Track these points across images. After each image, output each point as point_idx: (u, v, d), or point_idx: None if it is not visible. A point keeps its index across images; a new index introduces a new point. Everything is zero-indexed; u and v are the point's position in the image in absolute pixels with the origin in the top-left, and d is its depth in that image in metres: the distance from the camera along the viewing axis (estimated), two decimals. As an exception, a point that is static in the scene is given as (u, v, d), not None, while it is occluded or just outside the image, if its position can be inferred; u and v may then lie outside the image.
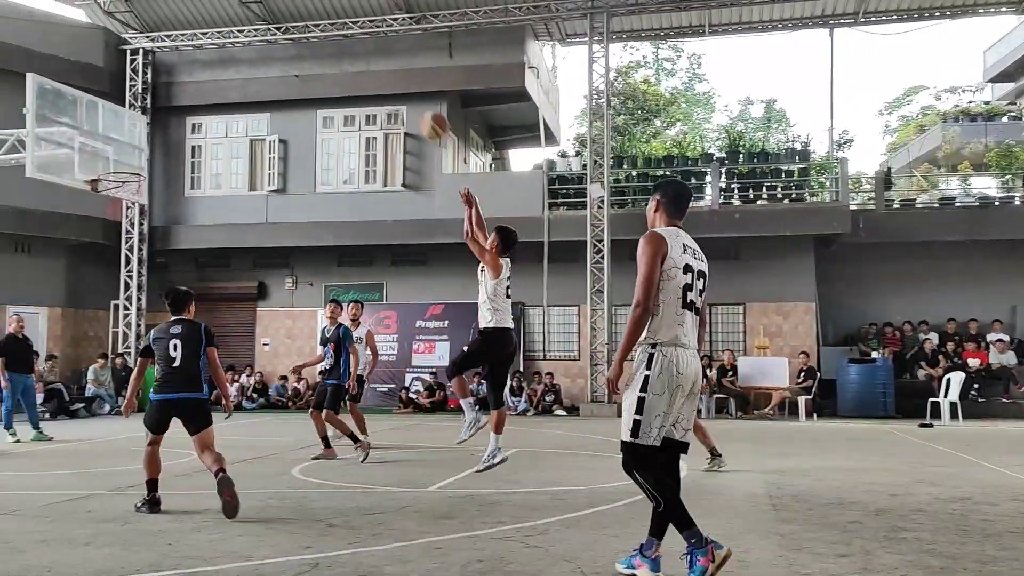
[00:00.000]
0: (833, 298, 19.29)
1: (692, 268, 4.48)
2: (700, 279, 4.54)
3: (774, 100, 40.14)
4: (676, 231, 4.59)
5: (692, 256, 4.52)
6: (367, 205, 19.68)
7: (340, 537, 5.60)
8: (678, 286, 4.40)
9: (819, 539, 5.56)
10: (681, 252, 4.46)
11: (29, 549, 5.27)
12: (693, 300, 4.46)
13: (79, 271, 20.25)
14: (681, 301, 4.41)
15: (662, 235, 4.48)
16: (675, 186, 4.88)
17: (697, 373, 4.48)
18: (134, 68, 20.40)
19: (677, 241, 4.49)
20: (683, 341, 4.41)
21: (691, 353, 4.44)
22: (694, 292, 4.48)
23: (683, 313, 4.41)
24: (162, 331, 6.85)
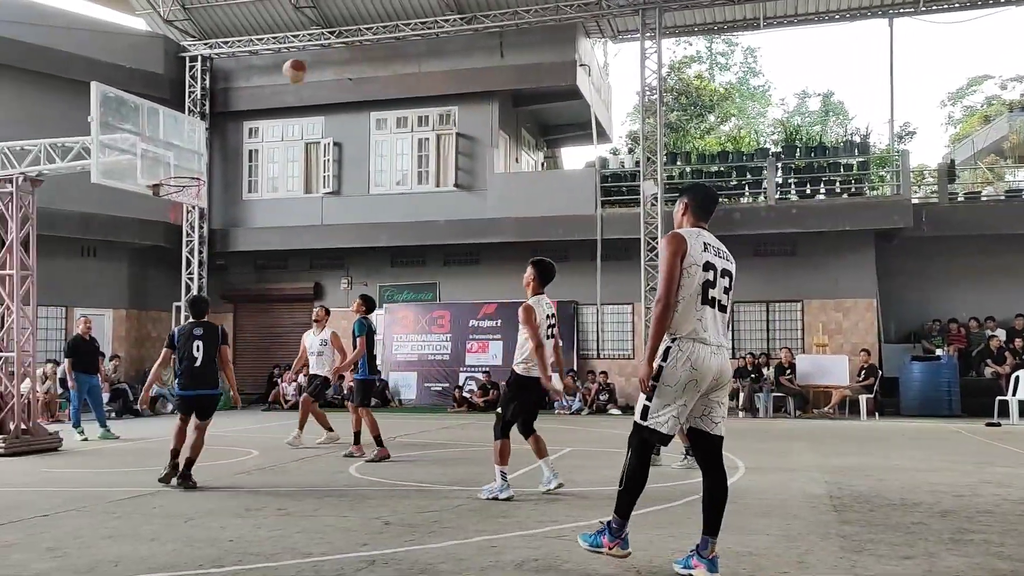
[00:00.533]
0: (895, 294, 18.85)
1: (714, 266, 4.58)
2: (724, 277, 4.64)
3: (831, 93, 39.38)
4: (698, 231, 4.69)
5: (714, 255, 4.62)
6: (420, 206, 19.82)
7: (396, 535, 5.65)
8: (698, 283, 4.51)
9: (881, 540, 5.44)
10: (702, 250, 4.57)
11: (97, 544, 5.43)
12: (715, 296, 4.57)
13: (142, 274, 20.77)
14: (701, 297, 4.51)
15: (682, 235, 4.61)
16: (703, 189, 5.00)
17: (720, 369, 4.54)
18: (193, 75, 20.86)
19: (698, 240, 4.60)
20: (703, 336, 4.50)
21: (712, 349, 4.52)
22: (716, 289, 4.58)
23: (703, 309, 4.51)
24: (186, 332, 8.07)
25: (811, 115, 38.01)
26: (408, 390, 19.99)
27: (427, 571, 4.71)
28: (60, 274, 17.51)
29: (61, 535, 5.70)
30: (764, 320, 18.85)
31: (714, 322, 4.56)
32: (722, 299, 4.62)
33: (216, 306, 21.23)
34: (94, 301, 19.40)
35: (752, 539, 5.48)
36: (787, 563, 4.87)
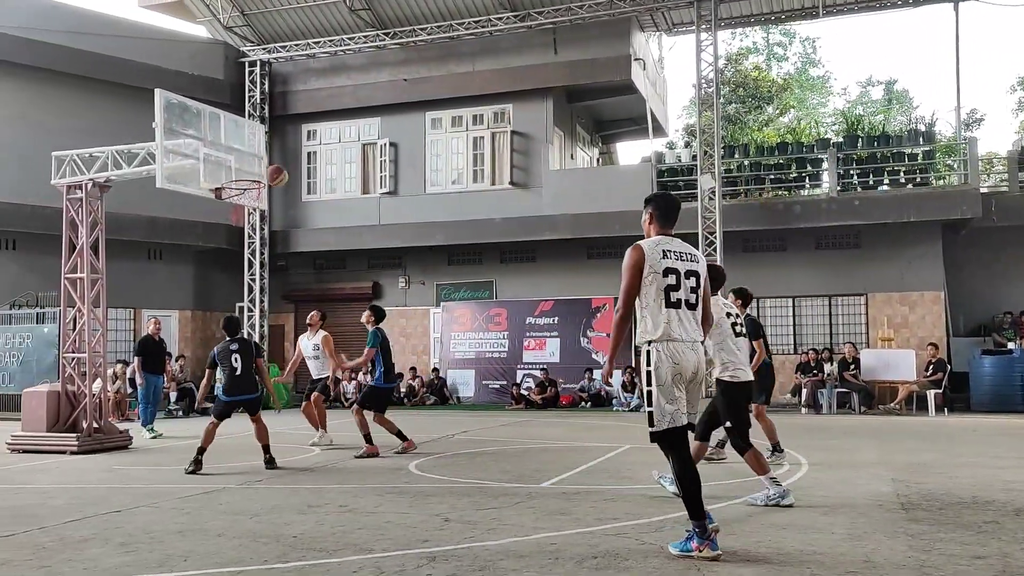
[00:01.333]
0: (964, 286, 18.31)
1: (677, 270, 4.93)
2: (690, 278, 4.97)
3: (894, 81, 38.33)
4: (658, 240, 5.02)
5: (676, 259, 4.96)
6: (475, 204, 19.90)
7: (456, 531, 5.68)
8: (660, 288, 4.88)
9: (952, 540, 5.28)
10: (661, 258, 4.91)
11: (167, 539, 5.58)
12: (681, 298, 4.92)
13: (206, 275, 21.27)
14: (665, 301, 4.88)
15: (641, 247, 4.97)
16: (665, 198, 5.27)
17: (697, 363, 4.95)
18: (252, 79, 21.27)
19: (657, 249, 4.95)
20: (676, 335, 4.88)
21: (687, 345, 4.90)
22: (682, 291, 4.92)
23: (668, 311, 4.87)
24: (223, 349, 9.17)
25: (874, 104, 37.09)
26: (466, 388, 20.11)
27: (487, 568, 4.72)
28: (128, 277, 18.02)
29: (133, 530, 5.87)
30: (827, 314, 18.49)
31: (684, 321, 4.92)
32: (690, 299, 4.95)
33: (278, 306, 21.67)
34: (160, 303, 19.94)
35: (817, 538, 5.38)
36: (853, 562, 4.76)
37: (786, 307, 18.62)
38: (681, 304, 4.93)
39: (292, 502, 6.92)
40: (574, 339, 19.44)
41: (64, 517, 6.36)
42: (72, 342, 11.49)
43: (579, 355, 19.35)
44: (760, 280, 18.53)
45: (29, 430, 11.18)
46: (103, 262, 11.61)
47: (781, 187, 18.88)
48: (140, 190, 14.06)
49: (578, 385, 18.79)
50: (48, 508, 6.79)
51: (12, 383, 16.00)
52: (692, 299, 4.98)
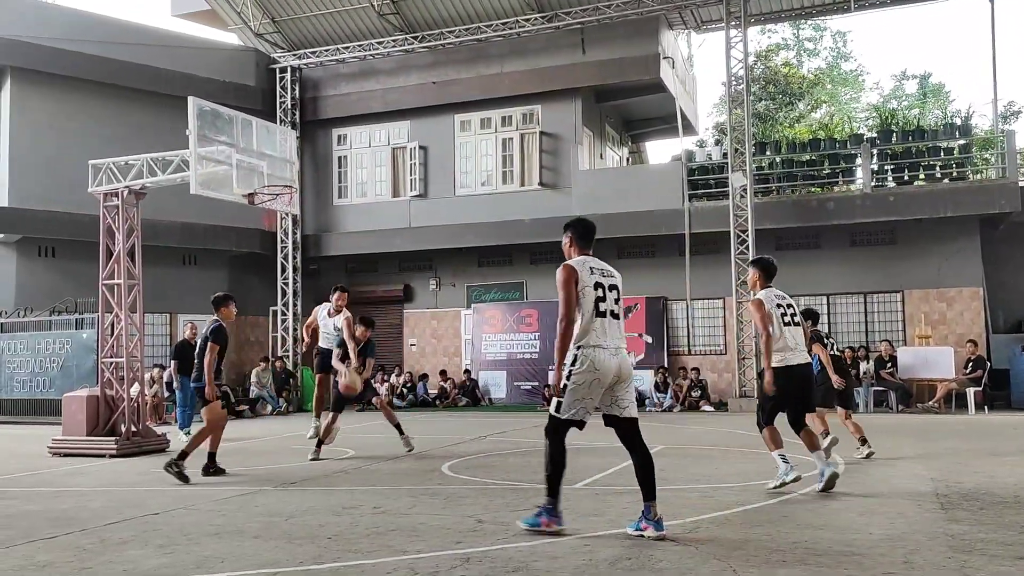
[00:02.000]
0: (1003, 282, 17.98)
1: (602, 284, 5.59)
2: (612, 291, 5.63)
3: (929, 74, 37.74)
4: (583, 259, 5.69)
5: (600, 275, 5.63)
6: (505, 205, 19.92)
7: (489, 533, 5.69)
8: (591, 301, 5.50)
9: (993, 540, 5.19)
10: (589, 274, 5.57)
11: (205, 541, 5.65)
12: (606, 308, 5.55)
13: (240, 280, 21.47)
14: (595, 311, 5.49)
15: (572, 265, 5.61)
16: (582, 223, 5.92)
17: (617, 367, 5.50)
18: (283, 85, 21.48)
19: (585, 266, 5.61)
20: (601, 343, 5.48)
21: (609, 352, 5.49)
22: (607, 302, 5.56)
23: (597, 320, 5.49)
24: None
25: (908, 98, 36.57)
26: (498, 389, 20.13)
27: (521, 569, 4.72)
28: (164, 282, 18.28)
29: (171, 532, 5.95)
30: (862, 312, 18.26)
31: (609, 329, 5.53)
32: (613, 308, 5.60)
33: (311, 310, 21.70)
34: (196, 307, 20.08)
35: (854, 538, 5.32)
36: (892, 563, 4.70)
37: (821, 305, 18.38)
38: (607, 314, 5.54)
39: (327, 504, 6.97)
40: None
41: (104, 519, 6.46)
42: (110, 347, 11.67)
43: (611, 355, 19.25)
44: (794, 278, 18.34)
45: (69, 434, 11.37)
46: (139, 268, 11.78)
47: (814, 184, 18.67)
48: (174, 197, 14.25)
49: (610, 385, 18.70)
50: (88, 511, 6.90)
51: (52, 388, 16.29)
52: (615, 309, 5.63)
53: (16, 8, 18.15)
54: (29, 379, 16.93)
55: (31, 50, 17.88)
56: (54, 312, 16.97)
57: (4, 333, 17.34)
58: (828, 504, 6.51)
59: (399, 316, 21.80)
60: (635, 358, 19.01)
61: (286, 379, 19.88)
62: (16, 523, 6.42)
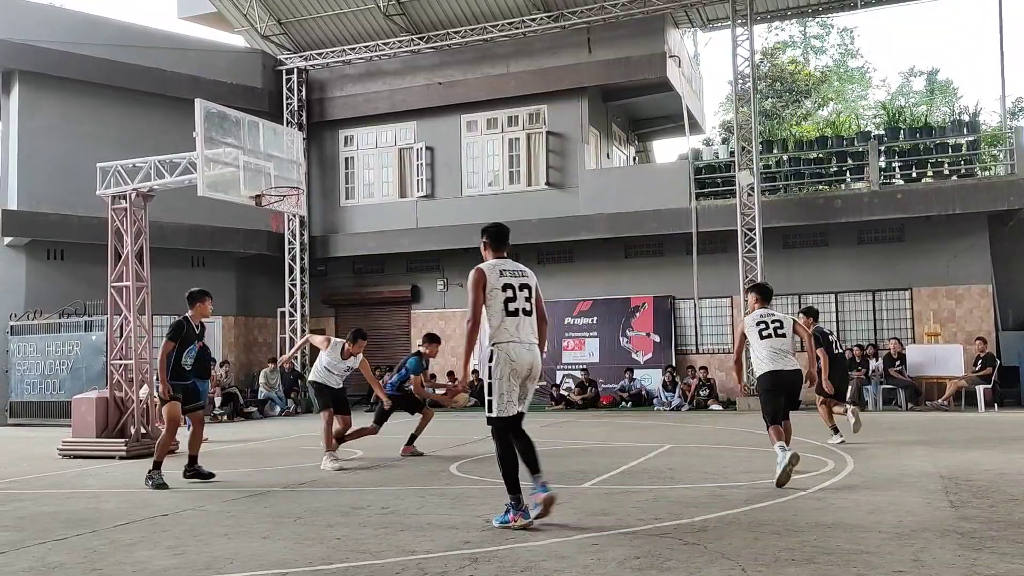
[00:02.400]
0: (1013, 279, 17.90)
1: (512, 285, 5.94)
2: (523, 290, 5.97)
3: (936, 71, 37.60)
4: (495, 262, 6.05)
5: (511, 276, 5.98)
6: (512, 205, 19.91)
7: (498, 532, 5.69)
8: (500, 301, 5.86)
9: (1004, 538, 5.17)
10: (499, 276, 5.93)
11: (214, 542, 5.66)
12: (518, 307, 5.91)
13: (248, 281, 21.55)
14: (505, 311, 5.86)
15: (482, 268, 5.97)
16: (495, 228, 6.26)
17: (532, 361, 5.88)
18: (289, 87, 21.52)
19: (495, 270, 5.97)
20: (515, 338, 5.83)
21: (524, 347, 5.85)
22: (518, 301, 5.91)
23: (508, 319, 5.86)
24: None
25: (915, 95, 36.46)
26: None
27: (529, 569, 4.72)
28: (172, 284, 18.25)
29: (180, 533, 5.97)
30: (870, 310, 18.20)
31: (521, 326, 5.89)
32: (525, 307, 5.95)
33: (318, 311, 21.87)
34: (205, 309, 20.20)
35: (863, 536, 5.30)
36: (901, 561, 4.68)
37: (829, 303, 18.35)
38: (519, 312, 5.91)
39: (335, 504, 6.99)
40: (613, 339, 19.37)
41: (114, 521, 6.49)
42: (119, 349, 11.72)
43: (618, 354, 19.28)
44: (801, 276, 18.37)
45: (79, 436, 11.43)
46: (148, 270, 11.83)
47: (821, 182, 18.63)
48: (182, 199, 14.31)
49: (618, 385, 18.71)
50: (99, 512, 6.93)
51: (62, 390, 16.38)
52: (527, 307, 5.97)
53: (24, 12, 18.24)
54: (39, 381, 17.01)
55: (39, 53, 17.96)
56: (63, 314, 17.05)
57: (14, 336, 17.43)
58: (837, 502, 6.49)
59: (406, 317, 21.82)
60: (643, 357, 19.06)
61: (294, 380, 19.92)
62: (28, 525, 6.45)
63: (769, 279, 17.36)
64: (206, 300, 8.90)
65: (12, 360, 17.38)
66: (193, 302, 8.85)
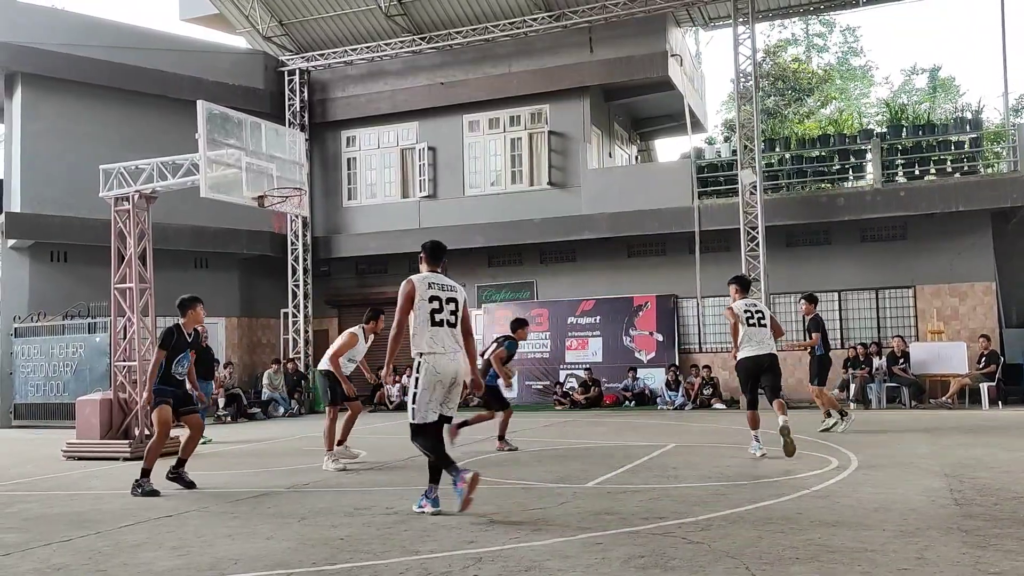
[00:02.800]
0: (1016, 276, 17.87)
1: (439, 297, 6.34)
2: (450, 303, 6.38)
3: (938, 68, 37.55)
4: (426, 275, 6.52)
5: (439, 290, 6.38)
6: (514, 205, 19.92)
7: (501, 532, 5.69)
8: (426, 312, 6.24)
9: (1009, 535, 5.16)
10: (427, 289, 6.33)
11: (218, 543, 5.67)
12: (443, 319, 6.30)
13: (251, 282, 21.56)
14: (430, 322, 6.24)
15: (412, 280, 6.39)
16: (432, 245, 6.79)
17: (455, 370, 6.27)
18: (291, 88, 21.53)
19: (424, 282, 6.38)
20: (438, 349, 6.23)
21: (448, 357, 6.26)
22: (444, 313, 6.31)
23: (433, 330, 6.25)
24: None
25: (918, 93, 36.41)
26: (508, 389, 20.07)
27: (533, 568, 4.72)
28: (175, 286, 18.12)
29: (184, 534, 5.97)
30: (873, 308, 18.18)
31: (445, 337, 6.29)
32: (450, 319, 6.35)
33: (322, 311, 21.89)
34: (207, 310, 20.00)
35: (868, 534, 5.29)
36: (905, 559, 4.68)
37: (832, 301, 18.35)
38: (443, 323, 6.30)
39: (339, 505, 6.99)
40: (616, 338, 19.36)
41: (118, 522, 6.50)
42: (123, 351, 11.74)
43: (622, 354, 19.26)
44: (804, 274, 18.34)
45: (83, 437, 11.45)
46: (151, 272, 11.84)
47: (824, 180, 18.60)
48: (185, 200, 14.34)
49: (621, 384, 18.70)
50: (103, 513, 6.94)
51: (66, 392, 16.41)
52: (452, 319, 6.37)
53: (26, 14, 18.26)
54: (43, 383, 17.05)
55: (42, 56, 17.99)
56: (67, 316, 17.08)
57: (18, 338, 17.47)
58: (841, 501, 6.49)
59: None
60: (647, 356, 19.05)
61: (298, 381, 19.94)
62: (32, 526, 6.47)
63: (772, 277, 17.41)
64: (197, 306, 8.64)
65: (16, 362, 17.41)
66: (184, 310, 8.57)
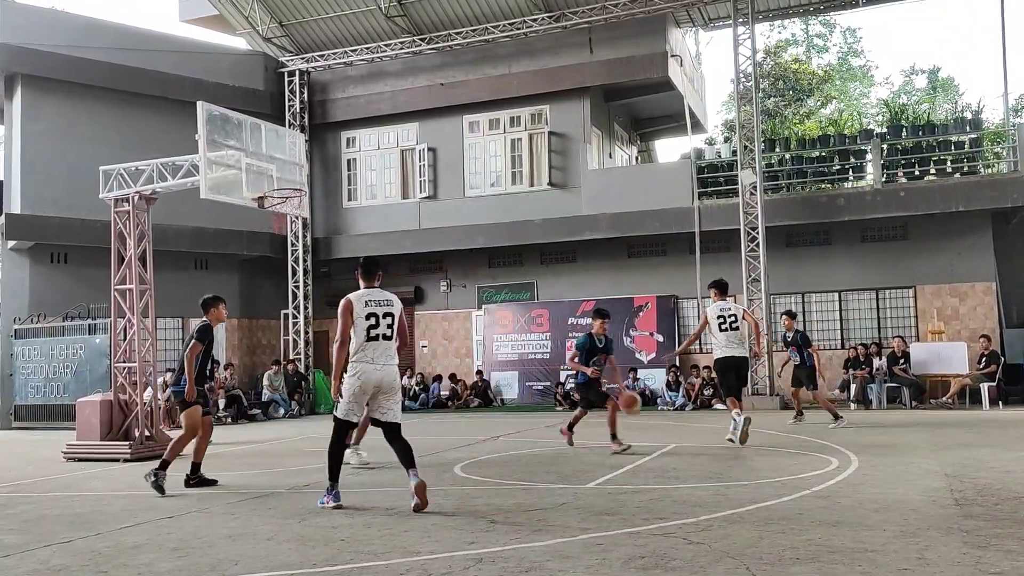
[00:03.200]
0: (1016, 276, 17.87)
1: (376, 313, 6.84)
2: (386, 317, 6.87)
3: (938, 68, 37.56)
4: (363, 292, 6.97)
5: (375, 306, 6.88)
6: (515, 206, 19.92)
7: (502, 533, 5.69)
8: (363, 328, 6.79)
9: (1009, 535, 5.16)
10: (363, 306, 6.84)
11: (218, 544, 5.67)
12: (379, 333, 6.83)
13: (251, 283, 21.55)
14: (366, 336, 6.78)
15: (350, 298, 6.90)
16: (366, 262, 7.21)
17: (381, 380, 6.79)
18: (291, 89, 21.53)
19: (361, 300, 6.88)
20: (368, 360, 6.78)
21: (376, 367, 6.78)
22: (380, 328, 6.83)
23: (368, 344, 6.79)
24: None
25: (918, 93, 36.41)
26: (509, 389, 20.12)
27: (534, 569, 4.72)
28: (175, 287, 18.32)
29: (185, 535, 5.97)
30: (874, 308, 18.18)
31: (379, 349, 6.82)
32: (386, 333, 6.86)
33: (322, 312, 21.88)
34: (207, 311, 20.22)
35: (868, 535, 5.29)
36: (906, 559, 4.68)
37: (832, 301, 18.35)
38: (379, 338, 6.83)
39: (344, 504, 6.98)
40: (617, 338, 19.30)
41: (119, 523, 6.50)
42: (123, 352, 11.74)
43: (622, 355, 19.21)
44: (805, 275, 18.35)
45: (83, 439, 11.45)
46: (151, 273, 11.84)
47: (824, 180, 18.60)
48: (185, 201, 14.33)
49: (622, 385, 18.67)
50: (103, 515, 6.95)
51: (66, 393, 16.40)
52: (388, 333, 6.87)
53: (26, 16, 18.27)
54: (43, 384, 17.04)
55: (42, 57, 17.99)
56: (67, 318, 17.07)
57: (18, 339, 17.46)
58: (841, 501, 6.49)
59: (410, 318, 21.81)
60: (647, 356, 19.04)
61: (298, 382, 19.94)
62: (32, 527, 6.47)
63: (772, 278, 17.42)
64: (220, 305, 8.82)
65: (16, 363, 17.41)
66: (208, 308, 8.74)
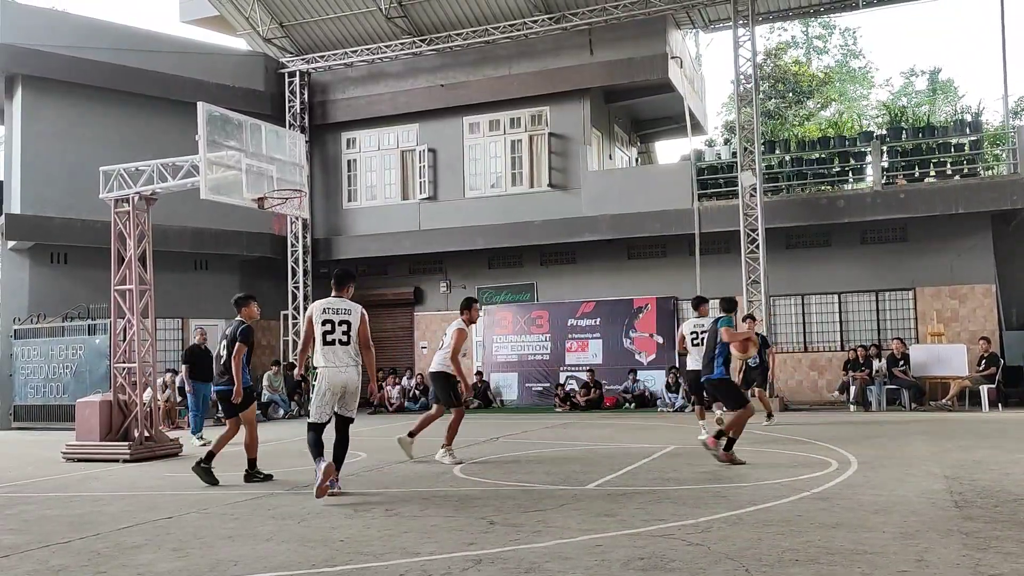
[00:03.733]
0: (1016, 278, 17.87)
1: (332, 320, 7.58)
2: (342, 324, 7.61)
3: (938, 70, 37.56)
4: (325, 301, 7.75)
5: (332, 313, 7.62)
6: (515, 207, 19.92)
7: (502, 534, 5.69)
8: (319, 334, 7.55)
9: (1008, 537, 5.16)
10: (321, 313, 7.60)
11: (218, 544, 5.67)
12: (335, 338, 7.57)
13: (251, 284, 21.45)
14: (323, 341, 7.54)
15: (312, 307, 7.69)
16: (339, 272, 7.94)
17: (345, 382, 7.55)
18: (292, 90, 21.54)
19: (320, 307, 7.67)
20: (330, 364, 7.53)
21: (338, 370, 7.52)
22: (336, 333, 7.57)
23: (326, 348, 7.53)
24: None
25: (918, 95, 36.42)
26: (509, 391, 20.12)
27: (533, 570, 4.72)
28: (175, 287, 18.36)
29: (184, 536, 5.97)
30: (874, 310, 18.18)
31: (336, 353, 7.54)
32: (342, 338, 7.58)
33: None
34: (207, 312, 20.22)
35: (867, 536, 5.29)
36: (905, 561, 4.68)
37: (832, 303, 18.36)
38: (335, 343, 7.55)
39: (339, 506, 6.99)
40: (617, 340, 19.36)
41: (118, 524, 6.50)
42: (123, 352, 11.73)
43: (622, 356, 19.26)
44: (804, 276, 18.36)
45: (83, 439, 11.44)
46: (151, 274, 11.83)
47: (824, 182, 18.61)
48: (185, 202, 14.32)
49: (622, 386, 18.69)
50: (103, 515, 6.94)
51: (66, 394, 16.40)
52: (344, 339, 7.58)
53: (27, 16, 18.27)
54: (43, 385, 17.04)
55: (42, 58, 18.00)
56: (67, 318, 17.07)
57: (18, 339, 17.46)
58: (840, 503, 6.49)
59: (410, 319, 21.83)
60: (647, 358, 19.04)
61: (298, 383, 19.91)
62: (32, 528, 6.47)
63: (772, 279, 17.43)
64: (252, 303, 9.14)
65: (16, 364, 17.41)
66: (240, 306, 9.05)
